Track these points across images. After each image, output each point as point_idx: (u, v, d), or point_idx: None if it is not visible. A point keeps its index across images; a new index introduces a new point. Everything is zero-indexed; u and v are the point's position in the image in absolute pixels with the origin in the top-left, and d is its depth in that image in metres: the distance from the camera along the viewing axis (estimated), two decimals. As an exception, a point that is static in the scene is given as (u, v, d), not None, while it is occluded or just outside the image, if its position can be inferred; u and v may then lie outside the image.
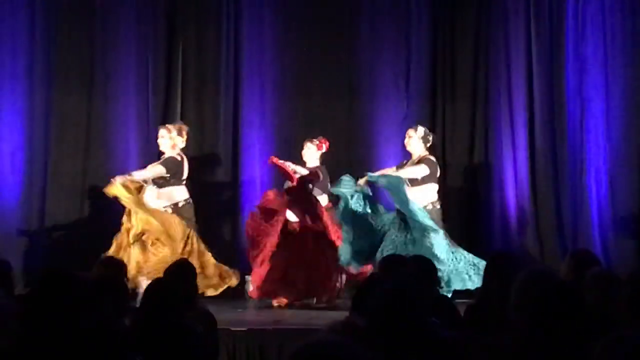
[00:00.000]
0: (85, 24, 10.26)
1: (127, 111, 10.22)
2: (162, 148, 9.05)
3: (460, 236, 10.12)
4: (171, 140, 8.99)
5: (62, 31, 10.21)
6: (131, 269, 8.18)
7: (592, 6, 10.37)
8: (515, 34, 10.41)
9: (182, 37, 10.40)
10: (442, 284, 8.17)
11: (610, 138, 10.30)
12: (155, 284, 4.53)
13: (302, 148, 9.22)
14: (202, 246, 8.94)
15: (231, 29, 10.41)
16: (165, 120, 10.06)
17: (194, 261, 8.20)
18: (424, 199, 8.79)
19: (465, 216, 10.27)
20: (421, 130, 9.07)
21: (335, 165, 9.33)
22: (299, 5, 10.51)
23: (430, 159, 8.97)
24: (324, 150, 9.19)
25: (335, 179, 8.95)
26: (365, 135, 10.31)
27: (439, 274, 7.28)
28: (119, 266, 5.93)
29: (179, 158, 8.98)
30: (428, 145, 9.05)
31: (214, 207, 10.17)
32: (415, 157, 9.04)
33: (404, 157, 9.23)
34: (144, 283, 8.09)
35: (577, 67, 10.35)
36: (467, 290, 8.44)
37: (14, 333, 3.32)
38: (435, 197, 8.89)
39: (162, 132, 9.05)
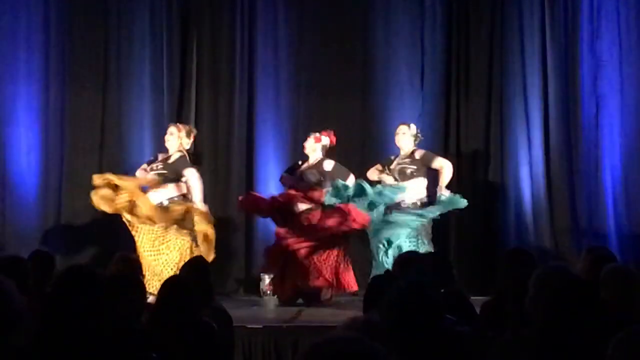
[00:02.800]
0: (99, 21, 10.28)
1: (141, 108, 10.24)
2: (168, 145, 8.83)
3: (475, 233, 10.14)
4: (179, 140, 8.85)
5: (77, 29, 10.23)
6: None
7: (607, 2, 10.35)
8: (530, 30, 10.39)
9: (197, 34, 10.41)
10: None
11: (625, 134, 10.28)
12: (171, 281, 4.54)
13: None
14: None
15: (245, 26, 10.42)
16: (179, 117, 10.09)
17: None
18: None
19: (481, 213, 10.25)
20: (414, 127, 9.14)
21: (350, 162, 9.32)
22: (314, 2, 10.52)
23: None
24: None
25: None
26: (380, 132, 10.30)
27: None
28: (135, 263, 5.95)
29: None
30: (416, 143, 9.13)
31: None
32: (407, 151, 9.07)
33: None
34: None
35: (592, 63, 10.34)
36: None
37: (28, 330, 3.33)
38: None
39: (172, 129, 8.88)
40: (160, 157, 8.92)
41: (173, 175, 8.68)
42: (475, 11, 10.56)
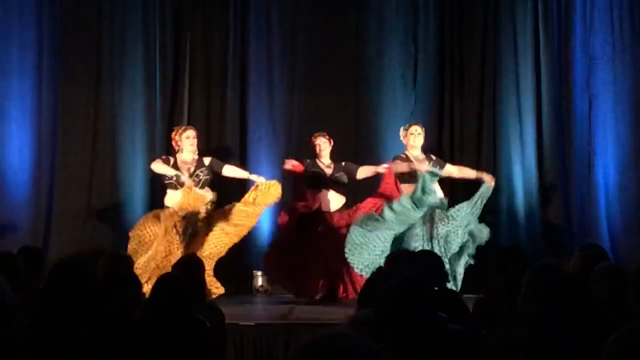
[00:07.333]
0: (92, 19, 10.27)
1: (134, 105, 10.22)
2: (194, 148, 9.14)
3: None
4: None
5: (70, 26, 10.22)
6: None
7: (600, 1, 10.35)
8: (523, 29, 10.39)
9: (190, 31, 10.40)
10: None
11: (618, 133, 10.29)
12: (164, 279, 4.54)
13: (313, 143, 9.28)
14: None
15: (238, 23, 10.41)
16: (172, 115, 10.10)
17: None
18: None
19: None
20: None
21: (342, 160, 9.32)
22: (307, 0, 10.51)
23: None
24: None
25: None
26: (372, 130, 10.30)
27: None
28: (126, 260, 5.94)
29: None
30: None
31: (222, 202, 10.15)
32: (419, 151, 9.12)
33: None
34: None
35: (585, 62, 10.34)
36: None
37: (21, 325, 3.33)
38: None
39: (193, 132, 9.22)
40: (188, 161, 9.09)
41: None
42: (469, 10, 10.56)
